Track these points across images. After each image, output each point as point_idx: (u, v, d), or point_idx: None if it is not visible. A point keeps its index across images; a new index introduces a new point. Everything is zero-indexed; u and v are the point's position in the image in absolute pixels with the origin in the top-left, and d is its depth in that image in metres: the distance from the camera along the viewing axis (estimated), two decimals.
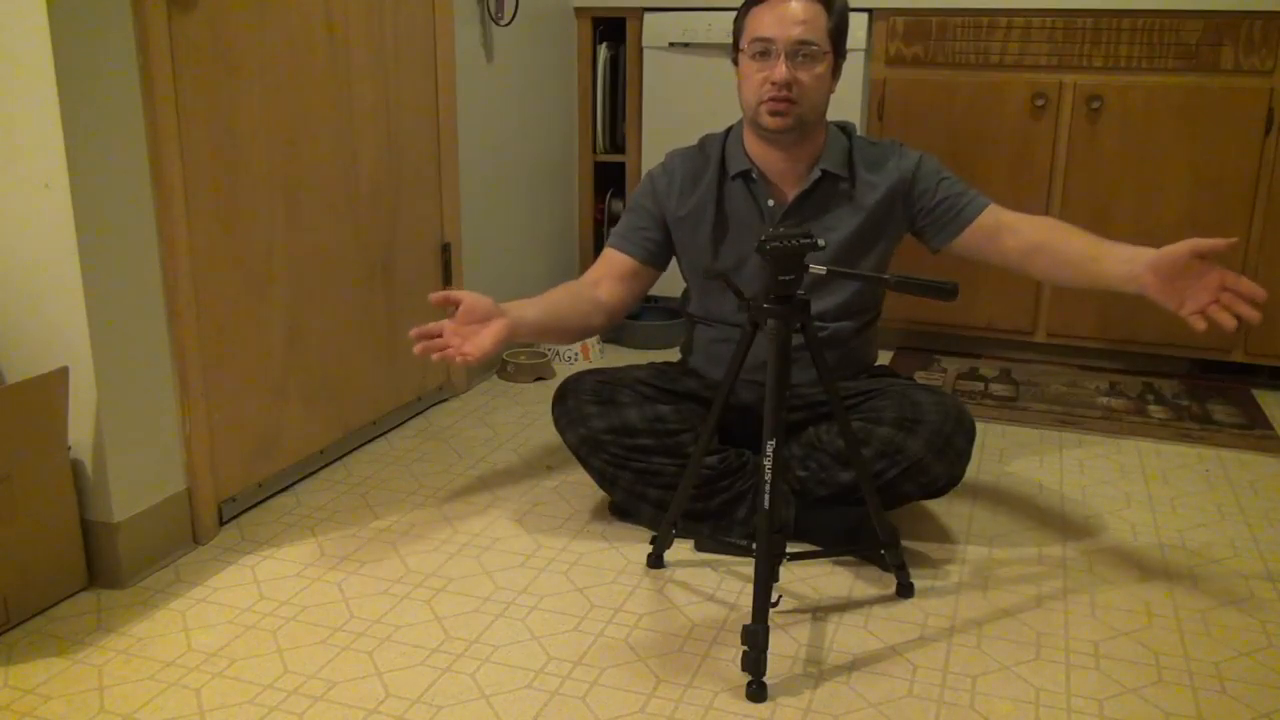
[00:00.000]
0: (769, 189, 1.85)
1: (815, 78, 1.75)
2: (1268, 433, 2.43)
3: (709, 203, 1.87)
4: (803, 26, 1.72)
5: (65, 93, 1.51)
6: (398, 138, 2.31)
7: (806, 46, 1.73)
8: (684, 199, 1.89)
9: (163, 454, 1.75)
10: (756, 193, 1.85)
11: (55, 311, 1.59)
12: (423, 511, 1.98)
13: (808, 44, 1.73)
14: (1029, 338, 2.89)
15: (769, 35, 1.73)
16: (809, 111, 1.77)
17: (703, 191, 1.88)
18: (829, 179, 1.84)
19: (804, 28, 1.72)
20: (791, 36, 1.72)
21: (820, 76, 1.76)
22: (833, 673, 1.48)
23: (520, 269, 2.97)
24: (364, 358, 2.27)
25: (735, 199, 1.87)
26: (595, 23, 3.14)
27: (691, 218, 1.89)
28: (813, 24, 1.73)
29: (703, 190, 1.88)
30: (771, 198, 1.85)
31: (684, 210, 1.89)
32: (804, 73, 1.74)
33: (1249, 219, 2.64)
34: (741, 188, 1.86)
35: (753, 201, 1.86)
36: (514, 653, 1.53)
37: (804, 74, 1.74)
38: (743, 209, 1.87)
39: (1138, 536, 1.92)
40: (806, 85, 1.74)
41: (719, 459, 1.82)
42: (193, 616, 1.61)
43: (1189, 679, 1.49)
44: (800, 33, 1.72)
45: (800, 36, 1.72)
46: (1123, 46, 2.64)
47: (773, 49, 1.73)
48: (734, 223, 1.87)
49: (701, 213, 1.88)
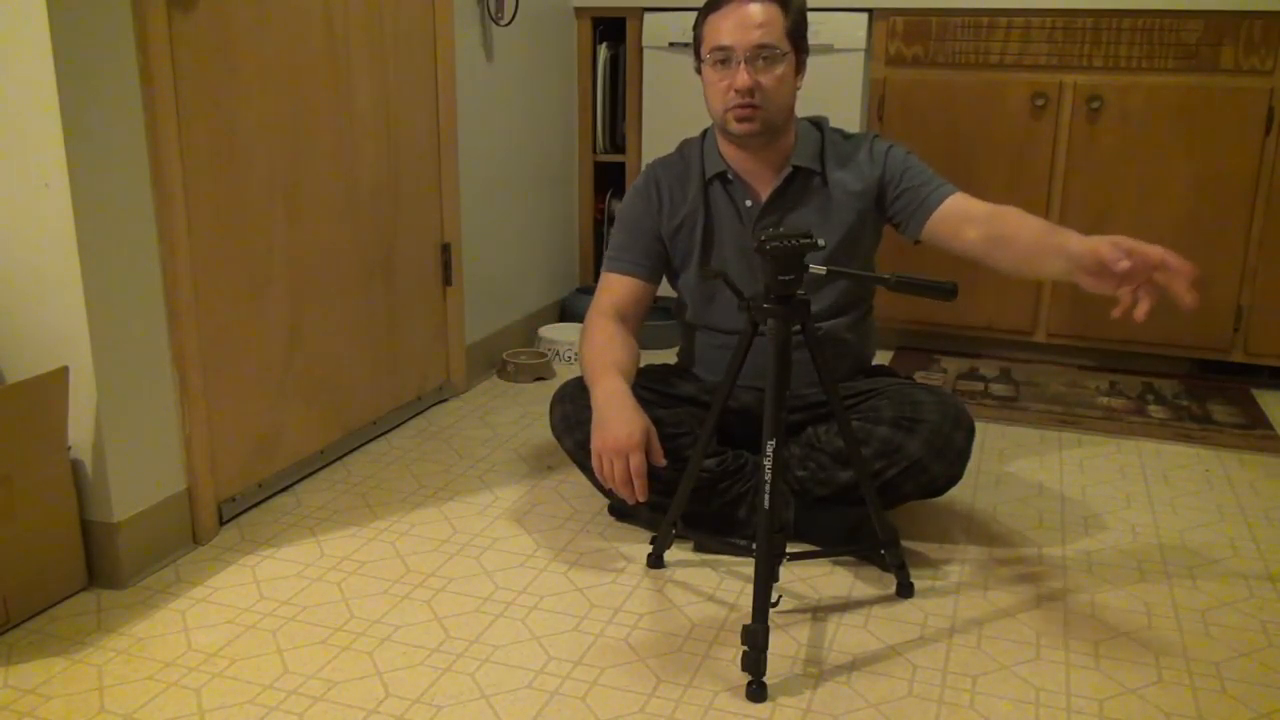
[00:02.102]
0: (745, 189, 1.86)
1: (777, 79, 1.75)
2: (1268, 433, 2.43)
3: (698, 209, 1.88)
4: (760, 30, 1.72)
5: (65, 93, 1.51)
6: (398, 137, 2.31)
7: (766, 50, 1.73)
8: (675, 209, 1.89)
9: (163, 454, 1.75)
10: (734, 194, 1.86)
11: (55, 311, 1.59)
12: (423, 511, 1.98)
13: (766, 47, 1.73)
14: (1029, 338, 2.89)
15: (727, 43, 1.73)
16: (775, 114, 1.77)
17: (692, 198, 1.88)
18: (802, 174, 1.84)
19: (761, 31, 1.72)
20: (750, 42, 1.72)
21: (782, 77, 1.75)
22: (833, 673, 1.48)
23: (520, 269, 2.97)
24: (364, 357, 2.27)
25: (718, 201, 1.88)
26: (595, 23, 3.14)
27: (686, 226, 1.89)
28: (770, 26, 1.73)
29: (692, 197, 1.88)
30: (749, 198, 1.86)
31: (677, 220, 1.89)
32: (766, 76, 1.74)
33: (1249, 219, 2.64)
34: (720, 190, 1.87)
35: (731, 203, 1.87)
36: (514, 653, 1.53)
37: (766, 77, 1.74)
38: (724, 211, 1.87)
39: (1138, 536, 1.92)
40: (769, 89, 1.74)
41: (718, 461, 1.81)
42: (193, 616, 1.61)
43: (1189, 679, 1.49)
44: (758, 37, 1.72)
45: (758, 41, 1.72)
46: (1123, 46, 2.64)
47: (733, 56, 1.73)
48: (718, 225, 1.88)
49: (694, 219, 1.88)
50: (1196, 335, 2.74)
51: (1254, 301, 2.68)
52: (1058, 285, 2.81)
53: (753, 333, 1.54)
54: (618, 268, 1.91)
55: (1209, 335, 2.73)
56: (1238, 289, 2.68)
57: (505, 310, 2.90)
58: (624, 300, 1.89)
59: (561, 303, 3.23)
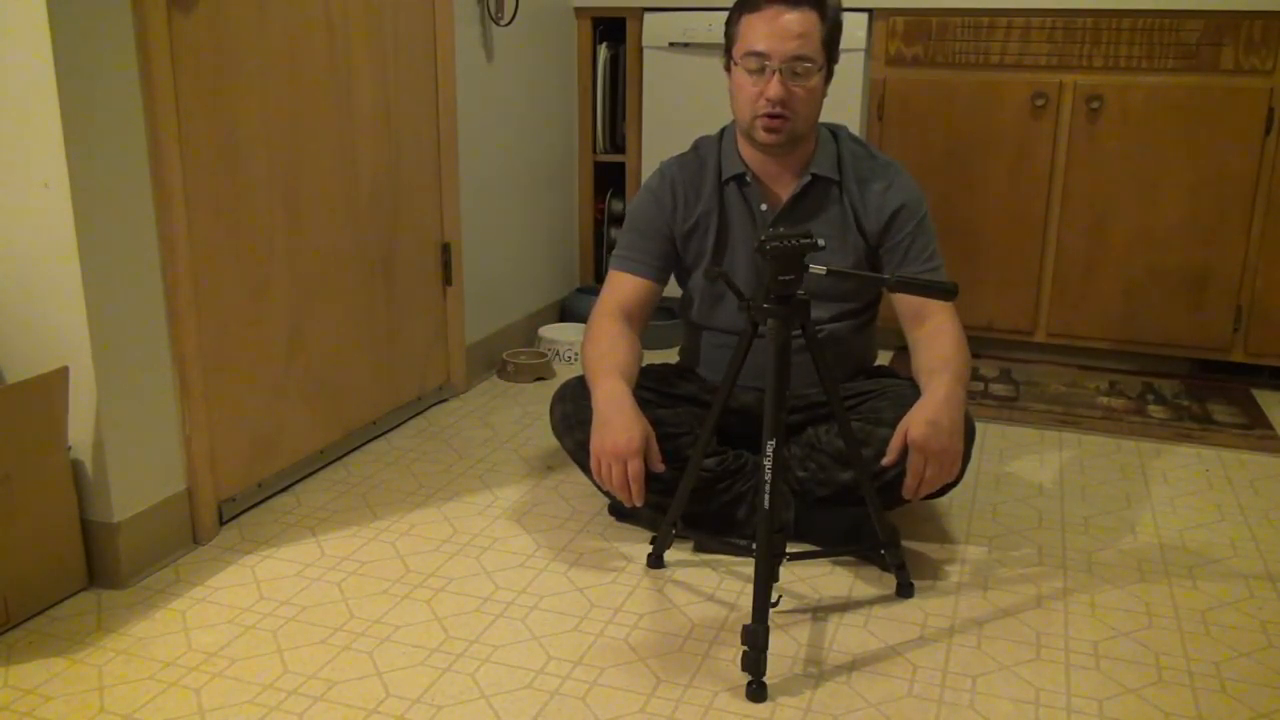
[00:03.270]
0: (763, 192, 1.85)
1: (809, 91, 1.73)
2: (1268, 433, 2.43)
3: (713, 210, 1.87)
4: (799, 41, 1.69)
5: (65, 93, 1.51)
6: (398, 138, 2.31)
7: (802, 62, 1.70)
8: (689, 209, 1.88)
9: (163, 454, 1.75)
10: (750, 196, 1.85)
11: (55, 311, 1.59)
12: (423, 511, 1.98)
13: (803, 59, 1.70)
14: (1029, 338, 2.89)
15: (763, 50, 1.70)
16: (802, 124, 1.76)
17: (707, 199, 1.87)
18: (820, 183, 1.83)
19: (800, 42, 1.69)
20: (787, 52, 1.69)
21: (814, 89, 1.74)
22: (833, 673, 1.48)
23: (520, 269, 2.97)
24: (364, 358, 2.27)
25: (733, 203, 1.87)
26: (595, 23, 3.14)
27: (700, 227, 1.88)
28: (808, 37, 1.69)
29: (706, 197, 1.87)
30: (765, 201, 1.85)
31: (691, 221, 1.88)
32: (799, 88, 1.72)
33: (1249, 219, 2.64)
34: (735, 191, 1.86)
35: (746, 205, 1.86)
36: (514, 653, 1.53)
37: (799, 89, 1.72)
38: (739, 213, 1.87)
39: (1138, 536, 1.92)
40: (801, 99, 1.73)
41: (718, 461, 1.81)
42: (193, 616, 1.61)
43: (1189, 679, 1.49)
44: (796, 48, 1.69)
45: (796, 52, 1.69)
46: (1123, 46, 2.64)
47: (768, 65, 1.70)
48: (732, 226, 1.87)
49: (708, 220, 1.87)
50: (1196, 335, 2.74)
51: (1254, 301, 2.68)
52: (1058, 285, 2.81)
53: (753, 333, 1.54)
54: (627, 267, 1.90)
55: (1209, 335, 2.73)
56: (1238, 289, 2.68)
57: (505, 310, 2.90)
58: (631, 300, 1.88)
59: (561, 303, 3.22)
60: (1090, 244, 2.76)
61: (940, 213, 2.82)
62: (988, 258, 2.85)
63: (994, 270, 2.86)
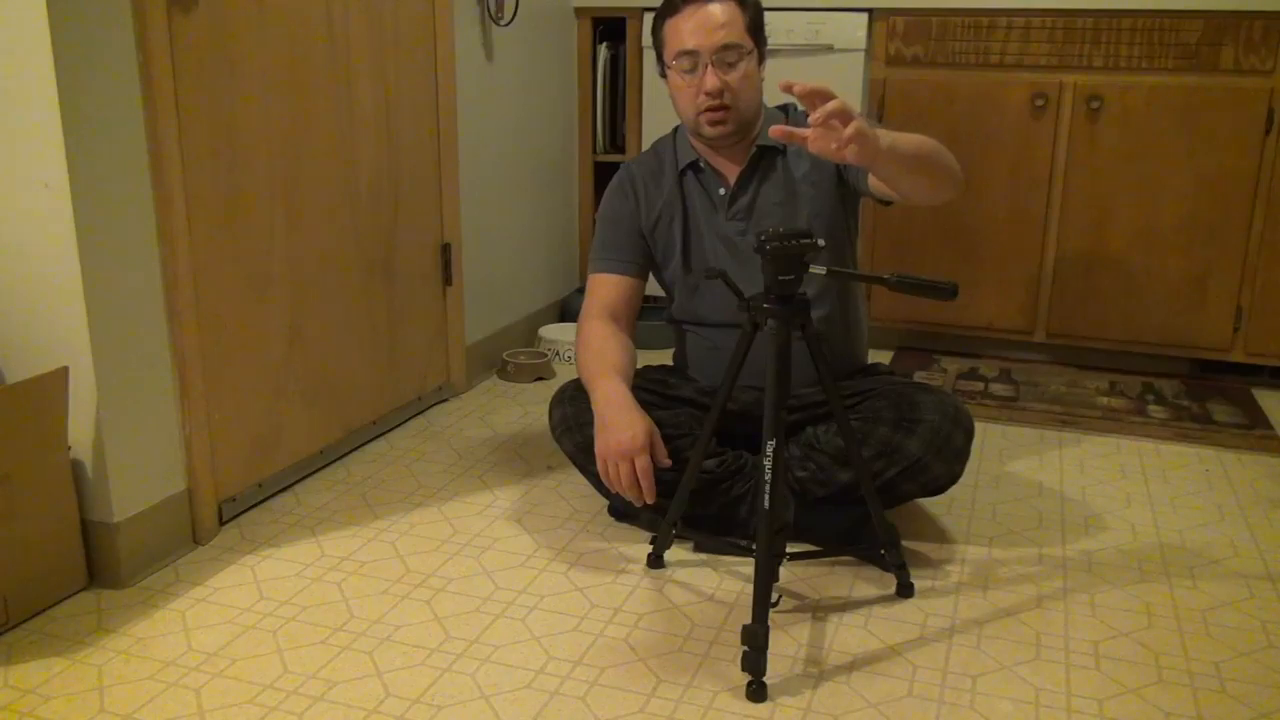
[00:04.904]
0: (717, 178, 1.88)
1: (744, 77, 1.76)
2: (1268, 433, 2.43)
3: (675, 199, 1.89)
4: (724, 30, 1.73)
5: (65, 93, 1.51)
6: (398, 138, 2.31)
7: (731, 51, 1.73)
8: (651, 202, 1.91)
9: (163, 454, 1.75)
10: (706, 183, 1.88)
11: (55, 311, 1.59)
12: (423, 511, 1.98)
13: (731, 47, 1.73)
14: (1029, 338, 2.89)
15: (692, 47, 1.74)
16: (746, 111, 1.79)
17: (667, 190, 1.90)
18: (766, 154, 1.85)
19: (725, 31, 1.73)
20: (715, 43, 1.73)
21: (748, 75, 1.77)
22: (833, 673, 1.48)
23: (520, 269, 2.97)
24: (364, 358, 2.27)
25: (693, 192, 1.89)
26: (595, 23, 3.14)
27: (664, 219, 1.90)
28: (732, 25, 1.73)
29: (667, 189, 1.90)
30: (721, 185, 1.87)
31: (655, 212, 1.91)
32: (733, 76, 1.75)
33: (1249, 219, 2.64)
34: (693, 179, 1.89)
35: (705, 192, 1.88)
36: (514, 653, 1.53)
37: (733, 77, 1.75)
38: (700, 201, 1.89)
39: (1138, 536, 1.92)
40: (738, 88, 1.76)
41: (718, 462, 1.81)
42: (193, 616, 1.61)
43: (1189, 679, 1.49)
44: (722, 37, 1.72)
45: (723, 41, 1.73)
46: (1123, 46, 2.64)
47: (699, 60, 1.74)
48: (694, 214, 1.90)
49: (671, 210, 1.90)
50: (1196, 335, 2.74)
51: (1254, 301, 2.68)
52: (1058, 285, 2.81)
53: (753, 332, 1.54)
54: (604, 267, 1.92)
55: (1209, 335, 2.73)
56: (1238, 289, 2.68)
57: (505, 310, 2.90)
58: (614, 300, 1.90)
59: (561, 303, 3.22)
60: (1090, 244, 2.76)
61: (940, 213, 2.82)
62: (988, 258, 2.85)
63: (994, 270, 2.85)
